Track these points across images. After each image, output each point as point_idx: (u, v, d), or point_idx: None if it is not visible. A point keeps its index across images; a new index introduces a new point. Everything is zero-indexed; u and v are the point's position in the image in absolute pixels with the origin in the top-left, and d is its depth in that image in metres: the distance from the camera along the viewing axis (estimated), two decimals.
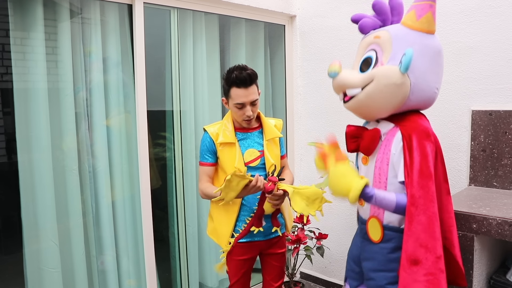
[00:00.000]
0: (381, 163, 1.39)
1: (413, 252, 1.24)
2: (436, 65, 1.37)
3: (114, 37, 2.26)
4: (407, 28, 1.34)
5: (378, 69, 1.36)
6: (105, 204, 2.27)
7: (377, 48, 1.40)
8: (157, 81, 2.55)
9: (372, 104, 1.38)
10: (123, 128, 2.33)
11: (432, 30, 1.34)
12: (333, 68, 1.45)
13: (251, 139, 1.87)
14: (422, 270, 1.23)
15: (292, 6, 3.00)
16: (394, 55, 1.33)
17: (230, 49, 2.90)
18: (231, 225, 1.84)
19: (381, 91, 1.34)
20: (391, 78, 1.31)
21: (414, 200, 1.25)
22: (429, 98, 1.40)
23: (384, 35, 1.38)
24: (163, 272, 2.67)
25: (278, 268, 1.98)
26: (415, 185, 1.26)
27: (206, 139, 1.85)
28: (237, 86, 1.72)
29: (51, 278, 2.06)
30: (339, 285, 2.95)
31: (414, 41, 1.33)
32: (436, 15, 1.32)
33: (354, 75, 1.42)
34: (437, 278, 1.22)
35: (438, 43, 1.38)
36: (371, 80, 1.36)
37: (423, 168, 1.26)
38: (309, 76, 3.03)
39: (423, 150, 1.28)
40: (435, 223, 1.25)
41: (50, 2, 2.05)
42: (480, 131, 2.13)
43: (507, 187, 2.05)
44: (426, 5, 1.28)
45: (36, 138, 2.01)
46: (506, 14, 2.06)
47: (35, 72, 2.01)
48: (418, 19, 1.30)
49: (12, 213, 3.26)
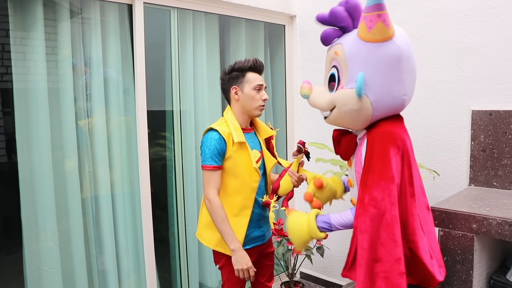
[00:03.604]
0: (358, 167, 1.42)
1: (374, 250, 1.26)
2: (397, 73, 1.31)
3: (114, 37, 2.26)
4: (361, 41, 1.29)
5: (338, 94, 1.37)
6: (105, 204, 2.27)
7: (338, 65, 1.39)
8: (157, 81, 2.55)
9: (342, 123, 1.44)
10: (123, 128, 2.33)
11: (387, 37, 1.26)
12: (303, 91, 1.51)
13: (252, 140, 1.85)
14: (381, 267, 1.25)
15: (292, 6, 3.00)
16: (351, 77, 1.33)
17: (230, 49, 2.90)
18: (244, 232, 1.77)
19: (344, 116, 1.38)
20: (349, 105, 1.33)
21: (376, 202, 1.27)
22: (398, 106, 1.37)
23: (341, 52, 1.36)
24: (163, 272, 2.67)
25: (272, 268, 1.98)
26: (375, 188, 1.27)
27: (217, 140, 1.70)
28: (253, 71, 1.78)
29: (51, 278, 2.06)
30: (339, 285, 2.95)
31: (368, 57, 1.29)
32: (388, 21, 1.23)
33: (322, 99, 1.45)
34: (395, 278, 1.24)
35: (396, 48, 1.28)
36: (334, 105, 1.39)
37: (384, 171, 1.28)
38: (309, 76, 3.02)
39: (385, 154, 1.29)
40: (395, 226, 1.25)
41: (50, 2, 2.05)
42: (480, 131, 2.13)
43: (507, 187, 2.05)
44: (374, 16, 1.21)
45: (36, 138, 2.01)
46: (506, 14, 2.06)
47: (35, 72, 2.01)
48: (369, 31, 1.24)
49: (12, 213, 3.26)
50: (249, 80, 1.76)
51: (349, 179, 1.54)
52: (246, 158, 1.76)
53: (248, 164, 1.76)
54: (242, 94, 1.77)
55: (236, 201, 1.76)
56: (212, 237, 1.80)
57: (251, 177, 1.77)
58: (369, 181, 1.30)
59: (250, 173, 1.77)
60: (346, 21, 1.36)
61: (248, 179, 1.77)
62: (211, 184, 1.71)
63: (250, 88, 1.76)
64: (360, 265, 1.27)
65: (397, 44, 1.28)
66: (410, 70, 1.35)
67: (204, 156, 1.71)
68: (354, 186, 1.48)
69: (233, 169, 1.75)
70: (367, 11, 1.22)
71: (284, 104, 3.15)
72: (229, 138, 1.72)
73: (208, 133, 1.75)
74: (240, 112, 1.81)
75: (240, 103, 1.79)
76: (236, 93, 1.78)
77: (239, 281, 1.81)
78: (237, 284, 1.83)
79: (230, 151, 1.72)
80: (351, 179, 1.51)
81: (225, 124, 1.76)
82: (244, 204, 1.77)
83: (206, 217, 1.80)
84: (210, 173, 1.71)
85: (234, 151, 1.73)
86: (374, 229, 1.26)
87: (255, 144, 1.84)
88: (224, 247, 1.76)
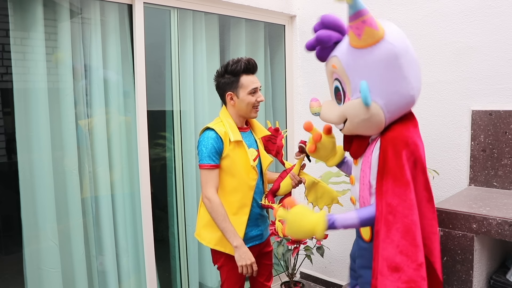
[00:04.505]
0: (364, 166, 1.42)
1: (393, 259, 1.24)
2: (399, 70, 1.30)
3: (114, 37, 2.26)
4: (355, 50, 1.29)
5: (346, 106, 1.37)
6: (105, 204, 2.27)
7: (339, 77, 1.39)
8: (157, 81, 2.55)
9: (358, 132, 1.43)
10: (123, 128, 2.33)
11: (378, 38, 1.25)
12: (313, 110, 1.53)
13: (248, 138, 1.85)
14: (403, 277, 1.23)
15: (292, 6, 3.00)
16: (355, 87, 1.32)
17: (230, 49, 2.90)
18: (243, 230, 1.76)
19: (358, 127, 1.37)
20: (360, 116, 1.33)
21: (392, 208, 1.25)
22: (408, 103, 1.37)
23: (338, 65, 1.36)
24: (163, 272, 2.67)
25: (270, 267, 1.98)
26: (390, 194, 1.26)
27: (215, 138, 1.71)
28: (247, 73, 1.76)
29: (51, 278, 2.06)
30: (339, 285, 2.95)
31: (365, 64, 1.29)
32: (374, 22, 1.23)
33: (333, 113, 1.45)
34: (419, 285, 1.23)
35: (391, 46, 1.27)
36: (345, 118, 1.39)
37: (399, 176, 1.27)
38: (309, 76, 3.02)
39: (399, 159, 1.28)
40: (416, 231, 1.24)
41: (50, 2, 2.05)
42: (480, 131, 2.13)
43: (507, 187, 2.05)
44: (359, 23, 1.21)
45: (36, 138, 2.01)
46: (506, 14, 2.06)
47: (35, 72, 2.01)
48: (359, 38, 1.25)
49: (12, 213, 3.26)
50: (243, 85, 1.75)
51: (351, 177, 1.54)
52: (244, 157, 1.76)
53: (245, 162, 1.76)
54: (237, 100, 1.77)
55: (234, 199, 1.76)
56: (212, 236, 1.79)
57: (248, 176, 1.77)
58: (384, 187, 1.29)
59: (248, 172, 1.77)
60: (333, 38, 1.38)
61: (245, 177, 1.77)
62: (210, 183, 1.71)
63: (245, 94, 1.76)
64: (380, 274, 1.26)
65: (390, 42, 1.27)
66: (411, 63, 1.33)
67: (201, 155, 1.71)
68: (356, 184, 1.48)
69: (231, 168, 1.75)
70: (351, 20, 1.22)
71: (284, 104, 3.15)
72: (226, 137, 1.73)
73: (204, 133, 1.75)
74: (236, 114, 1.82)
75: (235, 108, 1.80)
76: (232, 99, 1.78)
77: (238, 280, 1.82)
78: (236, 284, 1.83)
79: (227, 150, 1.73)
80: (353, 177, 1.50)
81: (221, 124, 1.77)
82: (243, 202, 1.77)
83: (204, 217, 1.81)
84: (207, 172, 1.71)
85: (231, 149, 1.73)
86: (392, 236, 1.25)
87: (251, 142, 1.85)
88: (224, 246, 1.76)
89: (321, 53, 1.44)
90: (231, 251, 1.75)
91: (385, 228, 1.26)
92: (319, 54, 1.45)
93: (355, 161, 1.52)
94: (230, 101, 1.79)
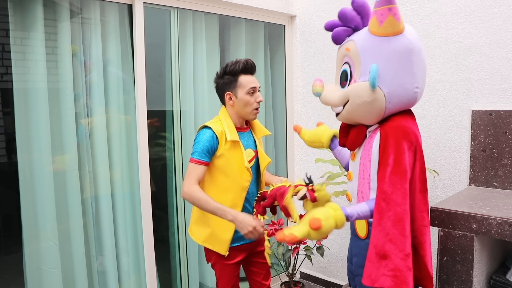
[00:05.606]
0: (364, 159, 1.42)
1: (382, 246, 1.25)
2: (409, 65, 1.33)
3: (114, 37, 2.26)
4: (372, 36, 1.31)
5: (351, 87, 1.38)
6: (105, 204, 2.27)
7: (350, 61, 1.40)
8: (157, 81, 2.55)
9: (356, 118, 1.43)
10: (123, 128, 2.33)
11: (398, 31, 1.29)
12: (315, 89, 1.51)
13: (246, 139, 1.85)
14: (390, 265, 1.24)
15: (292, 6, 3.00)
16: (364, 70, 1.34)
17: (230, 49, 2.90)
18: (232, 229, 1.76)
19: (358, 109, 1.38)
20: (362, 97, 1.34)
21: (386, 195, 1.27)
22: (410, 100, 1.38)
23: (353, 48, 1.37)
24: (163, 272, 2.67)
25: (266, 265, 1.97)
26: (386, 181, 1.28)
27: (210, 137, 1.73)
28: (245, 73, 1.77)
29: (51, 278, 2.06)
30: (339, 285, 2.95)
31: (380, 50, 1.31)
32: (399, 15, 1.27)
33: (334, 94, 1.46)
34: (404, 275, 1.23)
35: (407, 41, 1.32)
36: (347, 99, 1.39)
37: (396, 165, 1.28)
38: (309, 76, 3.03)
39: (398, 148, 1.29)
40: (406, 221, 1.25)
41: (50, 2, 2.05)
42: (480, 131, 2.13)
43: (507, 187, 2.05)
44: (384, 10, 1.24)
45: (36, 138, 2.01)
46: (506, 14, 2.06)
47: (35, 72, 2.01)
48: (380, 25, 1.27)
49: (12, 213, 3.27)
50: (241, 84, 1.77)
51: (349, 172, 1.54)
52: (239, 157, 1.77)
53: (240, 163, 1.77)
54: (236, 100, 1.78)
55: (226, 199, 1.76)
56: (200, 233, 1.82)
57: (242, 176, 1.78)
58: (380, 174, 1.30)
59: (242, 172, 1.78)
60: (355, 21, 1.39)
61: (239, 178, 1.78)
62: (192, 176, 1.71)
63: (244, 93, 1.77)
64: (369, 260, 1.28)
65: (408, 38, 1.31)
66: (421, 64, 1.38)
67: (194, 150, 1.74)
68: (353, 180, 1.48)
69: (225, 167, 1.76)
70: (378, 5, 1.25)
71: (284, 104, 3.15)
72: (222, 136, 1.74)
73: (202, 130, 1.78)
74: (235, 115, 1.83)
75: (235, 108, 1.81)
76: (231, 99, 1.79)
77: (232, 278, 1.84)
78: (230, 281, 1.84)
79: (222, 149, 1.74)
80: (351, 173, 1.50)
81: (220, 123, 1.79)
82: (234, 202, 1.77)
83: (195, 213, 1.85)
84: (193, 165, 1.72)
85: (227, 149, 1.75)
86: (383, 223, 1.26)
87: (249, 143, 1.86)
88: (213, 243, 1.79)
89: (338, 34, 1.44)
90: (219, 249, 1.77)
91: (378, 215, 1.28)
92: (335, 35, 1.45)
93: (352, 156, 1.52)
94: (229, 101, 1.80)
